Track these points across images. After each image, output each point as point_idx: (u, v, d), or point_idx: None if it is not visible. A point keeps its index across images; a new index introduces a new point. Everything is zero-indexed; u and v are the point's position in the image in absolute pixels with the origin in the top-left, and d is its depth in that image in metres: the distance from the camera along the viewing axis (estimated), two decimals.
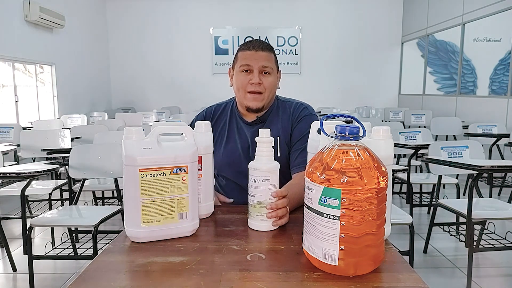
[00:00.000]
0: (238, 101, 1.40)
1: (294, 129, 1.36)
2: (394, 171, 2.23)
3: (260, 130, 1.00)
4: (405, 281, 0.73)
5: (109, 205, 3.39)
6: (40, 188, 2.85)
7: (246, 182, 1.01)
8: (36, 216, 2.21)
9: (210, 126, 1.11)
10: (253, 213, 1.00)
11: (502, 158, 3.89)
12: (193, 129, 1.02)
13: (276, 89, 1.38)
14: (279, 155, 1.33)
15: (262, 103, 1.32)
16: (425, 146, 2.73)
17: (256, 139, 1.01)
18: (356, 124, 0.76)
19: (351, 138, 0.73)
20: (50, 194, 2.76)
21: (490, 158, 3.73)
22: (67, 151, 2.56)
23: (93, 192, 3.34)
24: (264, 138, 1.00)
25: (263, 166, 0.98)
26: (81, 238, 2.63)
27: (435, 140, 3.95)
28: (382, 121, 5.79)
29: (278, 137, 1.34)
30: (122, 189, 0.97)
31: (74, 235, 2.60)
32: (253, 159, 1.01)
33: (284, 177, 1.23)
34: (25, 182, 2.32)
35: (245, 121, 1.40)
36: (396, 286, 0.72)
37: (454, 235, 2.74)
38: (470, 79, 6.10)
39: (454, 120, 4.63)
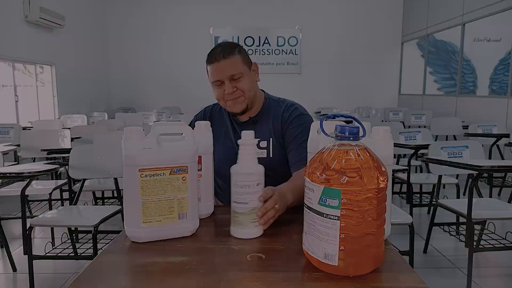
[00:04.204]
0: None
1: (286, 131, 1.37)
2: (394, 171, 2.23)
3: (243, 133, 0.96)
4: (405, 281, 0.73)
5: (109, 205, 3.38)
6: (40, 188, 2.85)
7: None
8: (36, 216, 2.21)
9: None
10: (245, 222, 0.93)
11: (502, 158, 3.88)
12: (192, 128, 1.02)
13: (256, 84, 1.39)
14: (271, 156, 1.36)
15: (243, 104, 1.34)
16: (425, 146, 2.73)
17: (239, 141, 0.95)
18: (356, 124, 0.76)
19: (351, 138, 0.73)
20: (50, 194, 2.76)
21: (490, 158, 3.73)
22: (67, 151, 2.55)
23: (93, 192, 3.34)
24: (249, 141, 0.95)
25: (258, 170, 0.94)
26: (81, 238, 2.63)
27: (435, 140, 3.95)
28: (382, 121, 5.78)
29: (270, 139, 1.36)
30: (122, 189, 0.97)
31: (74, 235, 2.60)
32: None
33: (280, 177, 1.23)
34: (25, 182, 2.32)
35: (238, 122, 1.42)
36: (396, 286, 0.72)
37: (454, 235, 2.74)
38: (470, 79, 6.10)
39: (454, 120, 4.63)
